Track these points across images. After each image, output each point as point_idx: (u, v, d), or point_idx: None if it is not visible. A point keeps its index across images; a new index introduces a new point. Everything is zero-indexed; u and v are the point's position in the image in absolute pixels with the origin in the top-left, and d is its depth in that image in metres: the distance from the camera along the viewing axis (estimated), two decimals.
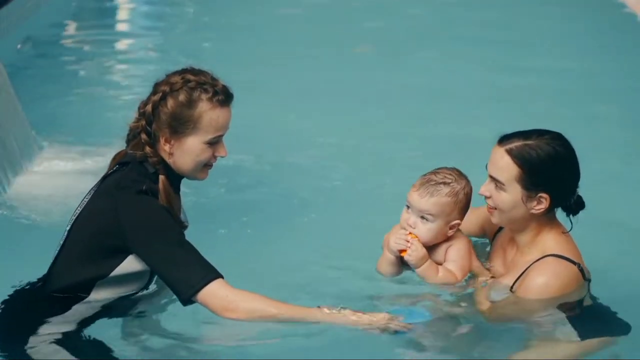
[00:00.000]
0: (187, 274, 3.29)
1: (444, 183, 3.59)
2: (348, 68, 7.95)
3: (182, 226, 3.51)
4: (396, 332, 3.38)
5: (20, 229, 4.87)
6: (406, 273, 3.71)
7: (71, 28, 9.44)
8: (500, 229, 3.73)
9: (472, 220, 3.79)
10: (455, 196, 3.58)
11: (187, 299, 3.32)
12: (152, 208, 3.36)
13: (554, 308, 3.49)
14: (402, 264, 3.68)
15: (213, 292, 3.29)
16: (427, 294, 3.62)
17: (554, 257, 3.48)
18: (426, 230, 3.60)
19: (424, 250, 3.59)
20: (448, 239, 3.65)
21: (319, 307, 3.39)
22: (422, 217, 3.59)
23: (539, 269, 3.47)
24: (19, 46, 8.14)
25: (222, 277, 3.34)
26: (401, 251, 3.60)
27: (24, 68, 7.66)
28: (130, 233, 3.33)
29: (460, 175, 3.64)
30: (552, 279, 3.46)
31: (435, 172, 3.64)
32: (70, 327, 3.40)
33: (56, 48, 8.60)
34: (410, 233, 3.60)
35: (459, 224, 3.63)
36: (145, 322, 3.53)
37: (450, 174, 3.61)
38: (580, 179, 3.54)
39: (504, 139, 3.50)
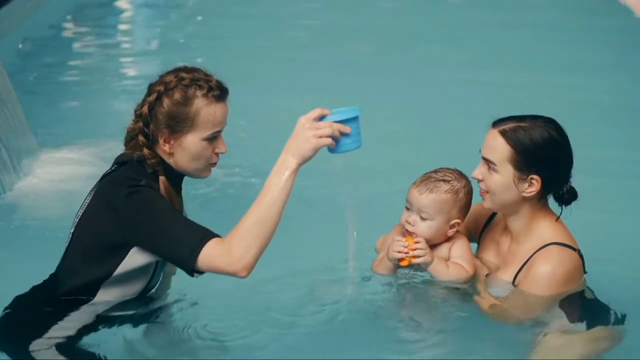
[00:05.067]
0: (186, 245, 3.21)
1: (444, 180, 3.60)
2: (349, 66, 7.95)
3: None
4: (336, 142, 3.18)
5: (20, 230, 4.87)
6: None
7: (71, 28, 9.45)
8: (487, 225, 3.74)
9: None
10: (455, 194, 3.58)
11: (191, 268, 3.23)
12: (145, 196, 3.32)
13: (560, 298, 3.48)
14: (398, 265, 3.66)
15: (210, 253, 3.19)
16: (427, 295, 3.60)
17: (556, 245, 3.48)
18: (426, 228, 3.59)
19: (430, 250, 3.57)
20: (449, 238, 3.65)
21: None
22: (422, 216, 3.59)
23: (543, 257, 3.47)
24: (20, 46, 8.14)
25: (218, 236, 3.24)
26: (401, 260, 3.57)
27: (24, 68, 7.67)
28: (127, 225, 3.30)
29: (461, 175, 3.64)
30: (558, 266, 3.46)
31: (435, 170, 3.65)
32: (73, 332, 3.39)
33: (56, 48, 8.61)
34: (407, 238, 3.58)
35: (459, 224, 3.62)
36: (148, 325, 3.53)
37: (450, 173, 3.63)
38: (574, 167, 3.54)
39: (498, 122, 3.53)
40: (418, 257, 3.55)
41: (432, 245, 3.62)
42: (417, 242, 3.56)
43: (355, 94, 7.14)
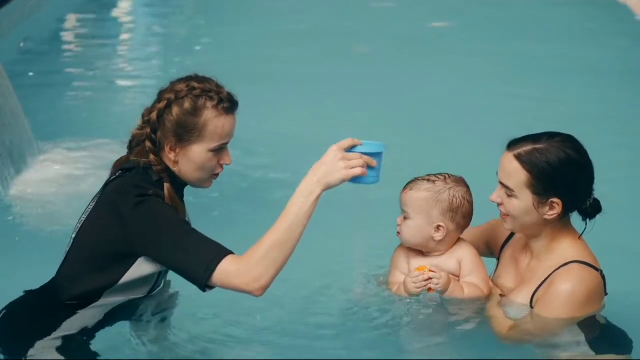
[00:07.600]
0: (199, 260, 3.21)
1: (428, 180, 3.53)
2: (349, 69, 7.95)
3: None
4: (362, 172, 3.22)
5: (20, 231, 4.87)
6: None
7: (71, 28, 9.45)
8: (507, 241, 3.67)
9: (476, 237, 3.70)
10: (436, 194, 3.50)
11: (204, 284, 3.23)
12: (153, 207, 3.31)
13: (578, 320, 3.41)
14: None
15: (226, 270, 3.20)
16: (436, 317, 3.55)
17: (578, 264, 3.40)
18: (406, 227, 3.54)
19: (446, 275, 3.50)
20: (454, 249, 3.57)
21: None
22: (404, 215, 3.54)
23: (563, 275, 3.39)
24: (21, 44, 8.14)
25: (232, 253, 3.25)
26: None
27: (24, 68, 7.66)
28: (136, 236, 3.29)
29: (456, 180, 3.54)
30: (579, 285, 3.37)
31: (431, 174, 3.58)
32: (74, 333, 3.37)
33: (56, 48, 8.62)
34: (422, 270, 3.51)
35: (443, 228, 3.51)
36: (149, 325, 3.51)
37: (441, 176, 3.55)
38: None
39: (513, 144, 3.43)
40: (436, 285, 3.48)
41: (440, 259, 3.56)
42: (431, 271, 3.49)
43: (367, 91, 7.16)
